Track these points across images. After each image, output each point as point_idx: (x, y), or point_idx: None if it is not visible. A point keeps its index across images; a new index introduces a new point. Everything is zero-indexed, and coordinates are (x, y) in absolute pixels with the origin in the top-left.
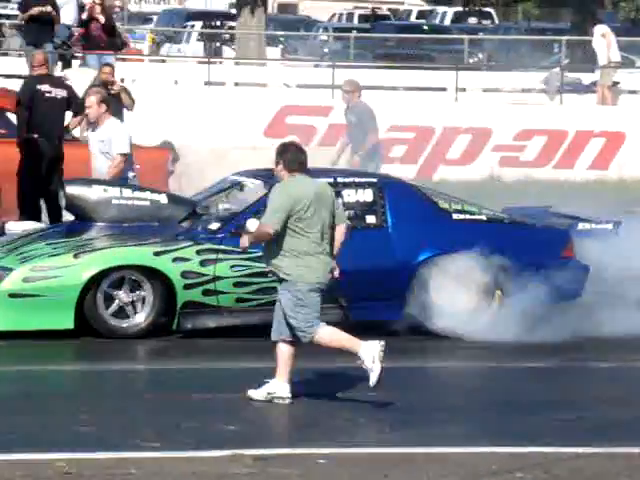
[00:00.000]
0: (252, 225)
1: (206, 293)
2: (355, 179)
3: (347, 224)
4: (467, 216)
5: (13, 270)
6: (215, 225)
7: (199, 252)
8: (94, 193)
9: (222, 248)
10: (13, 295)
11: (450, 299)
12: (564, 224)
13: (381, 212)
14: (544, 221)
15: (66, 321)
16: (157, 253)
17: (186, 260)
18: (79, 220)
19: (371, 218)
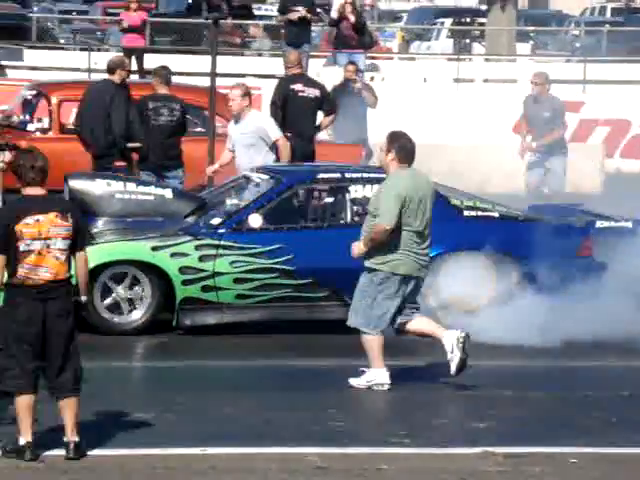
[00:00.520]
0: (254, 221)
1: (205, 289)
2: (363, 174)
3: None
4: (479, 213)
5: None
6: (217, 220)
7: (198, 247)
8: (98, 187)
9: (222, 244)
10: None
11: (459, 296)
12: (583, 222)
13: None
14: (566, 219)
15: None
16: (155, 248)
17: (185, 255)
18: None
19: None
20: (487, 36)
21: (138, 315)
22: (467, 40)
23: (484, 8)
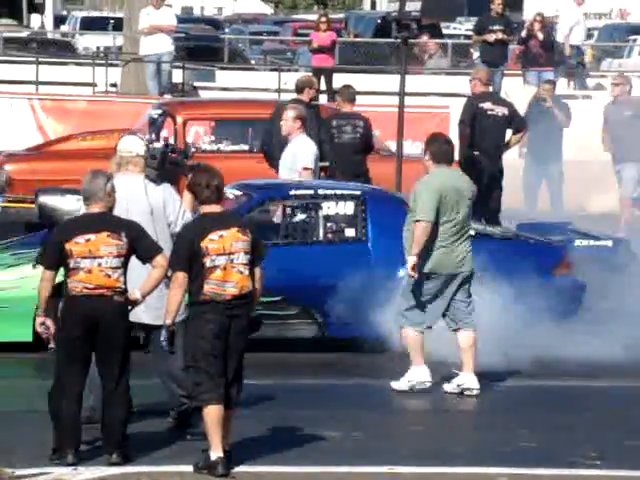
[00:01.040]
0: None
1: None
2: (336, 191)
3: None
4: None
5: None
6: None
7: None
8: (67, 203)
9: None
10: None
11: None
12: (562, 241)
13: (362, 225)
14: (544, 238)
15: (24, 333)
16: None
17: None
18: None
19: (351, 232)
20: None
21: None
22: None
23: None
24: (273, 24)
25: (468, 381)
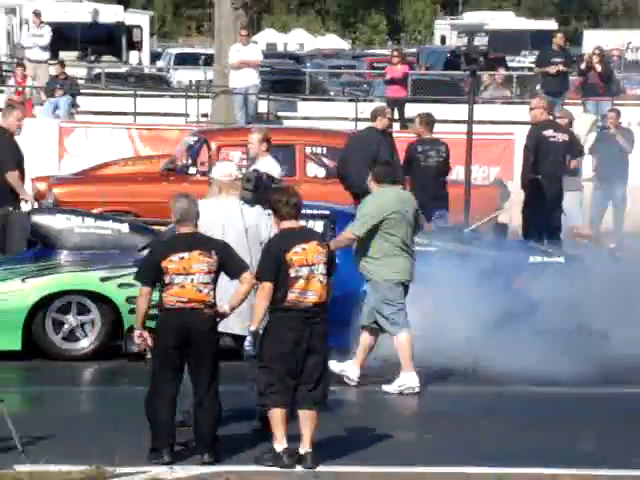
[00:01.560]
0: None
1: (151, 318)
2: (307, 210)
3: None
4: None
5: None
6: None
7: None
8: (58, 222)
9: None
10: None
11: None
12: (518, 257)
13: None
14: (499, 253)
15: (14, 343)
16: (103, 279)
17: (131, 286)
18: (44, 247)
19: None
20: None
21: (88, 342)
22: None
23: None
24: (351, 58)
25: (409, 380)
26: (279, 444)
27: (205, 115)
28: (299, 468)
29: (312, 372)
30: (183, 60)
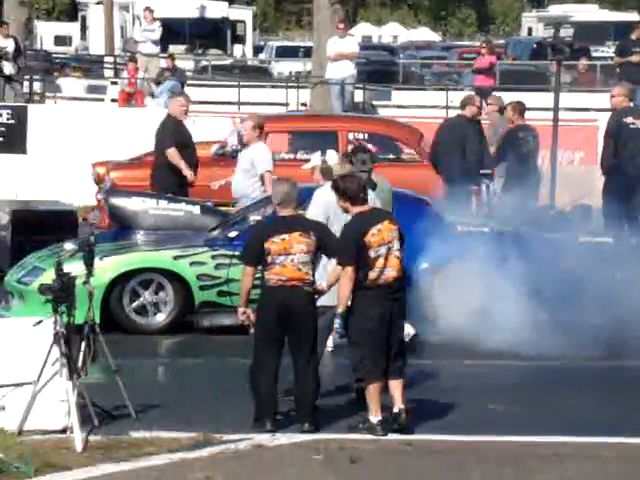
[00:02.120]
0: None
1: (220, 294)
2: None
3: None
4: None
5: (46, 270)
6: (233, 233)
7: (214, 257)
8: (134, 204)
9: (236, 254)
10: None
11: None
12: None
13: None
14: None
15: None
16: (176, 257)
17: (202, 264)
18: (121, 228)
19: None
20: None
21: (163, 316)
22: None
23: None
24: (441, 49)
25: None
26: (374, 416)
27: (304, 104)
28: (392, 436)
29: (394, 344)
30: (283, 52)
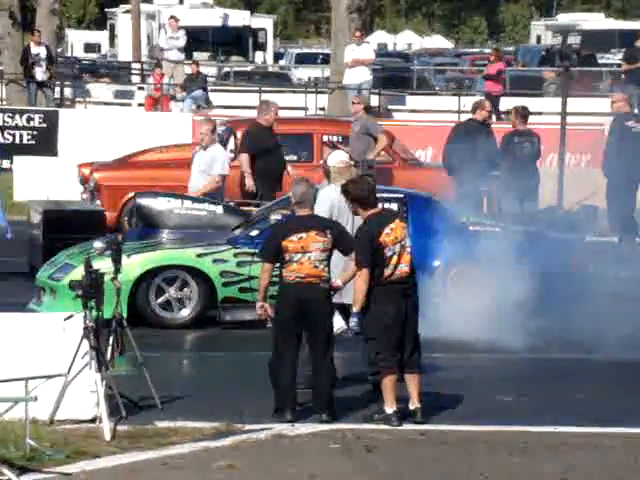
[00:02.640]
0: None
1: (242, 290)
2: (383, 194)
3: None
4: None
5: (76, 267)
6: (255, 232)
7: (236, 255)
8: (159, 204)
9: (257, 252)
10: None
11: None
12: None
13: None
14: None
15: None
16: (199, 255)
17: (225, 261)
18: (147, 227)
19: None
20: None
21: (187, 311)
22: None
23: None
24: (454, 56)
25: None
26: (389, 407)
27: (322, 109)
28: (406, 426)
29: (409, 339)
30: (303, 59)
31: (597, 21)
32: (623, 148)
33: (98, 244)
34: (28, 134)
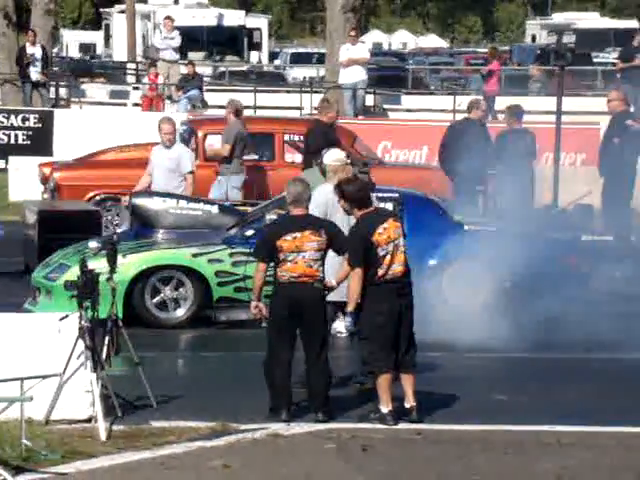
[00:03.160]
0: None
1: (237, 290)
2: (378, 193)
3: None
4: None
5: (71, 267)
6: (250, 232)
7: (232, 254)
8: (155, 204)
9: (252, 251)
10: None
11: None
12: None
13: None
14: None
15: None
16: (195, 255)
17: (220, 261)
18: (142, 227)
19: None
20: None
21: (182, 311)
22: None
23: None
24: (449, 56)
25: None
26: (385, 406)
27: (317, 108)
28: (402, 426)
29: (404, 338)
30: (298, 59)
31: (592, 20)
32: (621, 147)
33: (93, 244)
34: (23, 134)
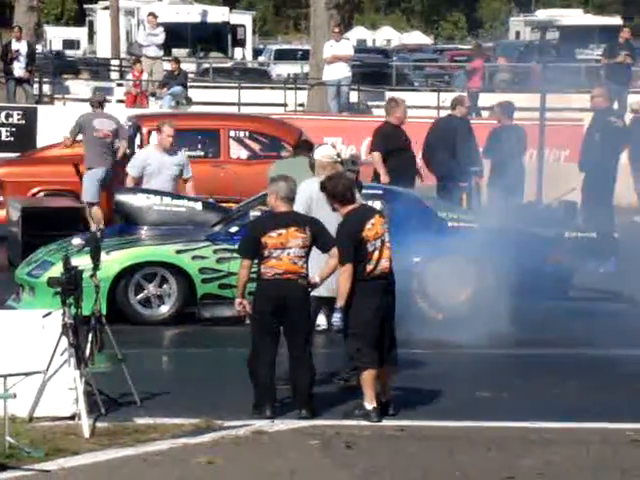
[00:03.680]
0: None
1: (222, 287)
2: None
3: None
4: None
5: (54, 264)
6: (234, 228)
7: (216, 251)
8: (138, 200)
9: (236, 248)
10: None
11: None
12: (551, 234)
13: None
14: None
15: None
16: (178, 251)
17: (204, 258)
18: (126, 223)
19: None
20: None
21: (166, 308)
22: None
23: None
24: (433, 52)
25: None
26: (369, 403)
27: (302, 105)
28: (386, 422)
29: (388, 335)
30: (282, 55)
31: (575, 17)
32: (602, 143)
33: (77, 241)
34: (7, 131)
